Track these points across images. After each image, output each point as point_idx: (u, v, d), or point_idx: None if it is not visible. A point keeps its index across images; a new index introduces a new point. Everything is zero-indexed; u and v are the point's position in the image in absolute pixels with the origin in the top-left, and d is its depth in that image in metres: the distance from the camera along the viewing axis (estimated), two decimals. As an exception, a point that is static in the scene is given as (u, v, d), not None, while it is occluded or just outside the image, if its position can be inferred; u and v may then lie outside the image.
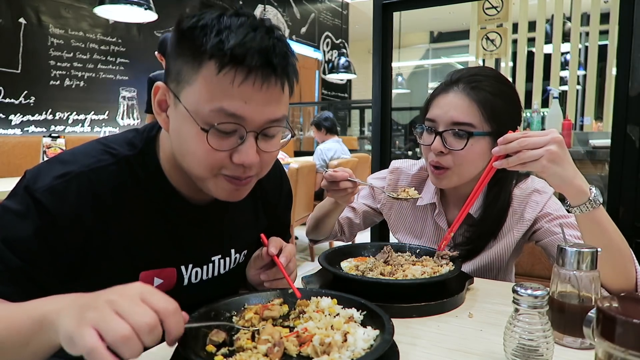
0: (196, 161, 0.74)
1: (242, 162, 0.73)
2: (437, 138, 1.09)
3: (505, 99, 1.09)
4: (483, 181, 0.95)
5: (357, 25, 8.96)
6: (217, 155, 0.72)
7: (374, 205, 1.36)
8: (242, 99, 0.70)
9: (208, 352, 0.65)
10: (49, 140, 3.09)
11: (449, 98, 1.09)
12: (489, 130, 1.07)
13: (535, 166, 0.84)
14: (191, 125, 0.71)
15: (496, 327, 0.79)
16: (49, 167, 0.75)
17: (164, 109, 0.77)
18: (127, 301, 0.53)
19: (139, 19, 3.40)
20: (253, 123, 0.72)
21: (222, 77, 0.69)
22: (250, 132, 0.72)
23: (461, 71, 1.13)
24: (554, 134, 0.84)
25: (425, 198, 1.24)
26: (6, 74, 3.83)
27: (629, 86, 1.59)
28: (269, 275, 0.89)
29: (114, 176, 0.77)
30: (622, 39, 1.59)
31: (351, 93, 9.46)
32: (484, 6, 3.49)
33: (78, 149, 0.81)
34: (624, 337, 0.50)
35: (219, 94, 0.69)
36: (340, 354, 0.62)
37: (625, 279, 0.91)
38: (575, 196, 0.86)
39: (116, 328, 0.50)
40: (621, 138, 1.61)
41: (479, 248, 1.17)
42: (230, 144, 0.72)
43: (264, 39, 0.70)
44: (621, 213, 1.64)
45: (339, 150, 4.65)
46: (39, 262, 0.71)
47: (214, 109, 0.69)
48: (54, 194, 0.72)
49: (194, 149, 0.73)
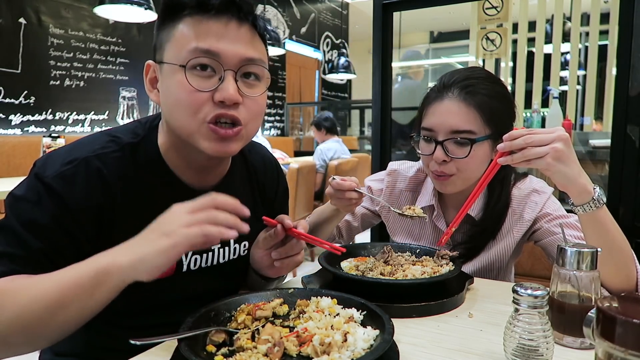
0: (182, 110, 0.78)
1: (222, 99, 0.77)
2: (438, 147, 1.06)
3: (501, 99, 1.08)
4: (484, 182, 0.94)
5: (357, 25, 8.95)
6: (199, 96, 0.77)
7: (373, 207, 1.36)
8: (215, 37, 0.77)
9: (208, 352, 0.65)
10: (49, 140, 3.09)
11: (445, 105, 1.07)
12: (489, 134, 1.06)
13: (539, 163, 0.83)
14: (174, 75, 0.78)
15: (496, 327, 0.79)
16: (57, 155, 0.79)
17: (155, 86, 0.84)
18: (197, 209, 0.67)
19: (139, 18, 3.39)
20: (228, 60, 0.78)
21: (194, 20, 0.77)
22: (228, 70, 0.78)
23: (453, 75, 1.10)
24: (560, 132, 0.83)
25: (423, 200, 1.23)
26: (6, 74, 3.83)
27: (629, 86, 1.59)
28: (281, 253, 0.88)
29: (118, 162, 0.81)
30: (622, 39, 1.60)
31: (351, 93, 9.46)
32: (484, 6, 3.49)
33: (83, 139, 0.85)
34: (624, 337, 0.50)
35: (193, 37, 0.77)
36: (340, 354, 0.62)
37: (626, 278, 0.91)
38: (579, 195, 0.86)
39: (209, 216, 0.66)
40: (621, 138, 1.61)
41: (479, 248, 1.16)
42: (210, 84, 0.78)
43: None
44: (621, 213, 1.64)
45: (339, 150, 4.65)
46: (59, 246, 0.74)
47: (190, 49, 0.76)
48: (64, 179, 0.75)
49: (177, 95, 0.78)
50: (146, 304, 0.84)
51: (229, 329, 0.70)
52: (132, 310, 0.83)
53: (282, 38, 7.11)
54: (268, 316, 0.74)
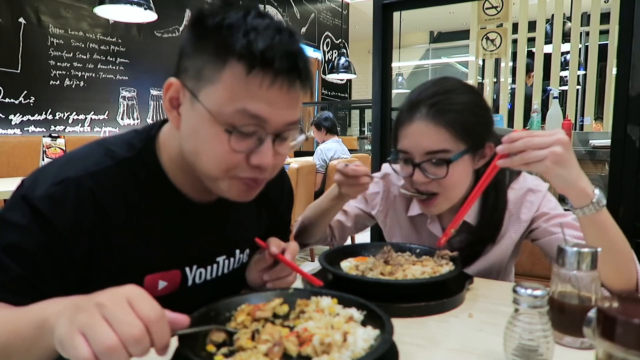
0: (212, 162, 0.73)
1: (259, 164, 0.73)
2: (416, 170, 1.05)
3: (473, 110, 1.05)
4: (482, 185, 0.92)
5: (357, 25, 8.96)
6: (235, 157, 0.72)
7: (367, 209, 1.33)
8: (267, 102, 0.69)
9: (208, 352, 0.65)
10: (49, 140, 3.08)
11: (414, 126, 1.04)
12: (465, 148, 1.04)
13: (539, 167, 0.82)
14: (211, 126, 0.70)
15: (496, 327, 0.79)
16: (46, 173, 0.74)
17: (176, 106, 0.76)
18: (115, 307, 0.51)
19: (139, 19, 3.40)
20: (273, 125, 0.72)
21: (250, 78, 0.68)
22: (269, 134, 0.72)
23: (419, 92, 1.07)
24: (560, 135, 0.82)
25: (416, 208, 1.21)
26: (6, 74, 3.83)
27: (629, 86, 1.59)
28: (272, 275, 0.88)
29: (113, 178, 0.76)
30: (622, 39, 1.59)
31: (351, 93, 9.46)
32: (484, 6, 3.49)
33: (76, 153, 0.79)
34: (625, 337, 0.50)
35: (244, 96, 0.68)
36: (340, 354, 0.62)
37: (627, 279, 0.91)
38: (578, 198, 0.85)
39: (102, 337, 0.48)
40: (621, 138, 1.61)
41: (477, 254, 1.15)
42: (248, 145, 0.72)
43: (290, 42, 0.70)
44: (621, 213, 1.64)
45: (339, 150, 4.65)
46: (43, 273, 0.69)
47: (237, 110, 0.69)
48: (52, 201, 0.70)
49: (212, 150, 0.72)
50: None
51: (229, 328, 0.70)
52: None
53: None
54: (268, 317, 0.74)
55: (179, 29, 5.40)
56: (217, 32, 0.69)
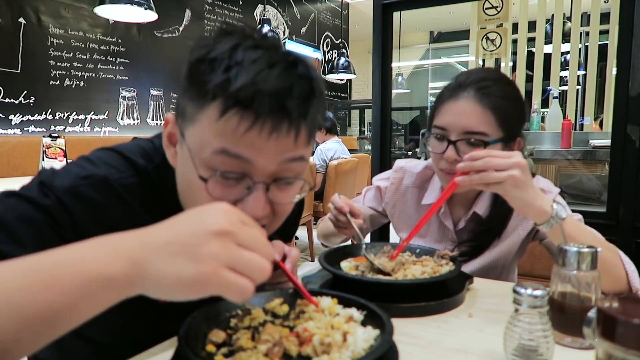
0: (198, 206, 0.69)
1: (249, 215, 0.67)
2: (450, 147, 1.07)
3: (514, 102, 1.09)
4: (442, 199, 0.97)
5: (357, 25, 8.95)
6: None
7: (380, 208, 1.37)
8: (247, 146, 0.61)
9: (208, 352, 0.65)
10: (49, 140, 3.08)
11: (459, 105, 1.07)
12: (501, 136, 1.06)
13: (497, 189, 0.87)
14: (194, 169, 0.64)
15: (496, 327, 0.79)
16: (71, 167, 0.71)
17: (174, 143, 0.70)
18: (241, 232, 0.49)
19: (139, 19, 3.40)
20: (261, 172, 0.63)
21: (223, 122, 0.59)
22: (258, 182, 0.64)
23: (469, 75, 1.10)
24: (517, 158, 0.86)
25: (430, 197, 1.24)
26: (6, 74, 3.83)
27: (629, 86, 1.59)
28: (270, 279, 0.88)
29: (136, 187, 0.72)
30: (622, 39, 1.60)
31: (351, 93, 9.46)
32: (484, 6, 3.49)
33: (96, 155, 0.74)
34: (625, 337, 0.50)
35: (222, 139, 0.61)
36: (340, 354, 0.62)
37: (614, 280, 0.92)
38: (538, 216, 0.89)
39: (257, 265, 0.48)
40: (621, 138, 1.61)
41: (484, 246, 1.17)
42: (235, 193, 0.64)
43: (281, 78, 0.60)
44: (621, 213, 1.64)
45: (339, 150, 4.65)
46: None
47: (216, 150, 0.61)
48: (76, 195, 0.66)
49: (196, 195, 0.65)
50: (148, 327, 0.77)
51: (229, 328, 0.70)
52: (133, 331, 0.78)
53: (282, 38, 7.11)
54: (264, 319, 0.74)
55: (179, 29, 5.40)
56: (199, 68, 0.62)
